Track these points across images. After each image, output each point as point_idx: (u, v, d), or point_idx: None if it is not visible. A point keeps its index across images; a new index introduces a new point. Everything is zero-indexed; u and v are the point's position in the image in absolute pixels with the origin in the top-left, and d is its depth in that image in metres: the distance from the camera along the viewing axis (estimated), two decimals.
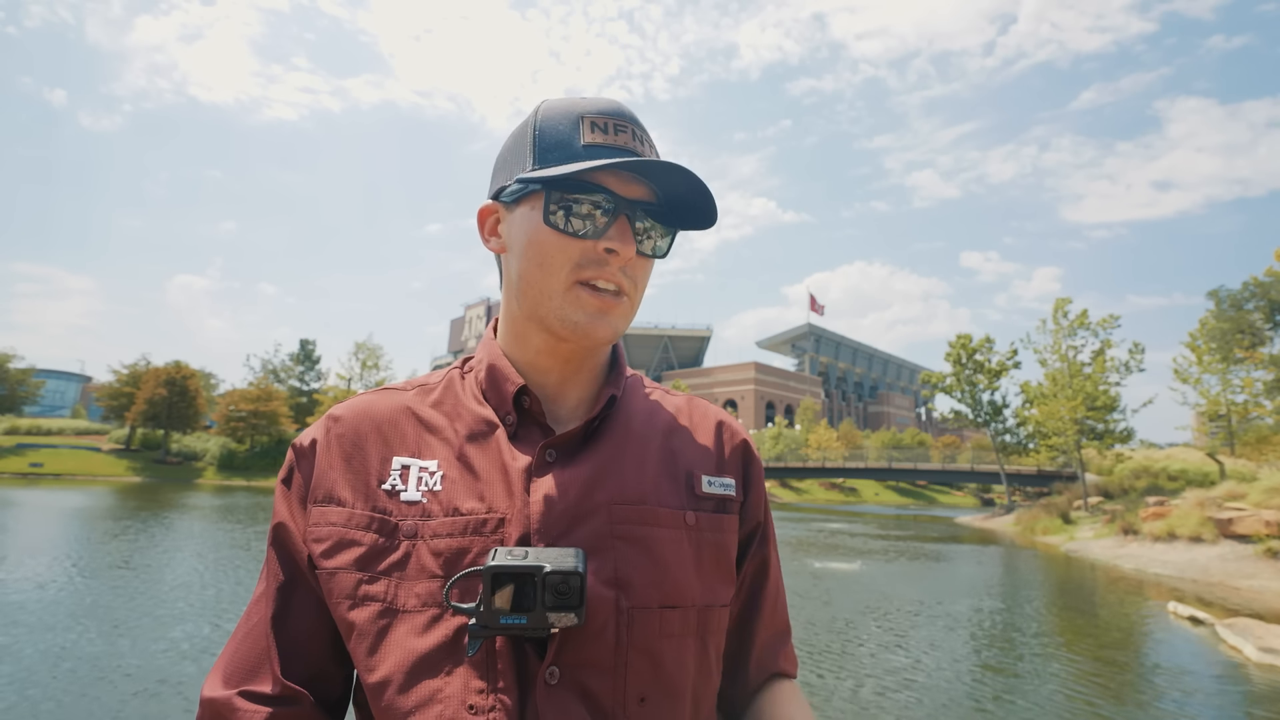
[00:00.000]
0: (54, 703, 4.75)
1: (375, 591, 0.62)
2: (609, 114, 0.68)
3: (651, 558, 0.65)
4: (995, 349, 33.68)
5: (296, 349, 49.63)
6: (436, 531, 0.63)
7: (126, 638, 6.39)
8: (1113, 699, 5.84)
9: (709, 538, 0.70)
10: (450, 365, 0.80)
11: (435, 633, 0.60)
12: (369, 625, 0.62)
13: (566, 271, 0.67)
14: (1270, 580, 12.33)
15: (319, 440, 0.70)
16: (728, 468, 0.76)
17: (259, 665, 0.65)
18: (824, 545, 17.90)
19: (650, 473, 0.70)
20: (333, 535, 0.65)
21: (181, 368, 42.67)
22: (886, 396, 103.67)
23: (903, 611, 9.33)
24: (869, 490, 59.73)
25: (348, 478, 0.67)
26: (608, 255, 0.66)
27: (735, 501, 0.75)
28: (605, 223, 0.66)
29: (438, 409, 0.72)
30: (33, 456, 37.73)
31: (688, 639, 0.66)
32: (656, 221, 0.70)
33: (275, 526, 0.69)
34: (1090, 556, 17.30)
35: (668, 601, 0.65)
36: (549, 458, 0.67)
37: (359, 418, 0.71)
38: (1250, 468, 21.10)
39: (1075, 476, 28.38)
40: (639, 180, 0.68)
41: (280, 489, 0.71)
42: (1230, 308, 27.16)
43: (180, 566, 10.38)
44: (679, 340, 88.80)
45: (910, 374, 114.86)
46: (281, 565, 0.68)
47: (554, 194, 0.66)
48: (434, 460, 0.68)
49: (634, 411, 0.75)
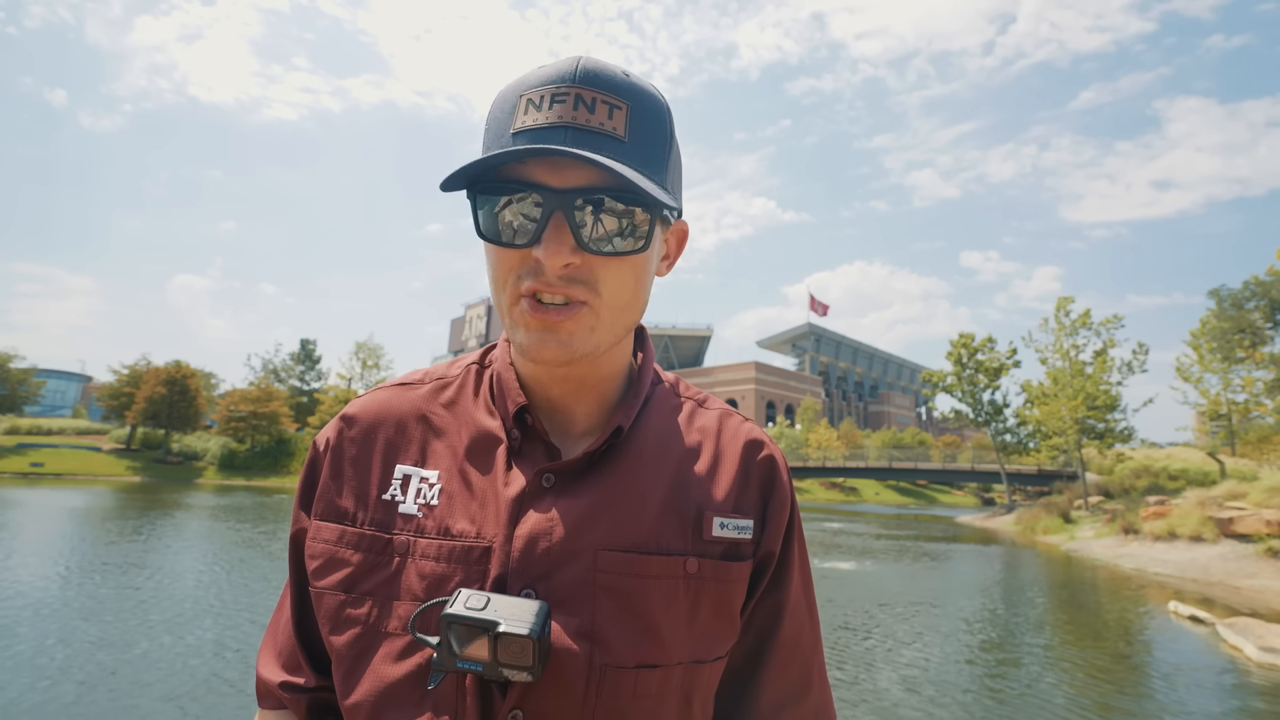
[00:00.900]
0: (65, 701, 4.75)
1: (358, 614, 0.62)
2: (550, 82, 0.57)
3: (634, 613, 0.60)
4: (996, 348, 33.66)
5: (297, 349, 49.70)
6: (425, 552, 0.62)
7: (149, 639, 6.39)
8: (1114, 698, 5.84)
9: (712, 588, 0.64)
10: (473, 356, 0.76)
11: (409, 661, 0.59)
12: (347, 649, 0.62)
13: (510, 285, 0.59)
14: (1271, 580, 12.32)
15: (330, 444, 0.69)
16: (747, 505, 0.68)
17: (296, 658, 0.69)
18: (824, 545, 17.89)
19: (651, 513, 0.64)
20: (324, 554, 0.65)
21: (181, 367, 42.68)
22: (887, 396, 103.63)
23: (903, 611, 9.32)
24: (869, 490, 59.71)
25: (352, 485, 0.67)
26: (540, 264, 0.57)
27: (748, 544, 0.67)
28: (537, 226, 0.56)
29: (449, 410, 0.70)
30: (33, 456, 37.75)
31: (667, 698, 0.61)
32: (617, 208, 0.57)
33: (294, 534, 0.70)
34: (1091, 556, 17.29)
35: (646, 661, 0.60)
36: (546, 483, 0.64)
37: (371, 420, 0.70)
38: (1251, 467, 21.11)
39: (1076, 476, 28.35)
40: (579, 164, 0.56)
41: (299, 494, 0.71)
42: (1231, 307, 27.16)
43: (188, 566, 10.38)
44: (679, 340, 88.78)
45: (911, 374, 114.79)
46: (297, 572, 0.70)
47: (480, 199, 0.58)
48: (435, 470, 0.66)
49: (650, 436, 0.68)
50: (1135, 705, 5.74)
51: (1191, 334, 28.31)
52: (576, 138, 0.56)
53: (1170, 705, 5.71)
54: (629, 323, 0.64)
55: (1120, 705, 5.67)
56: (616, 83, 0.58)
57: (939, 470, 41.51)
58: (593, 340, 0.61)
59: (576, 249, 0.57)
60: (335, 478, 0.67)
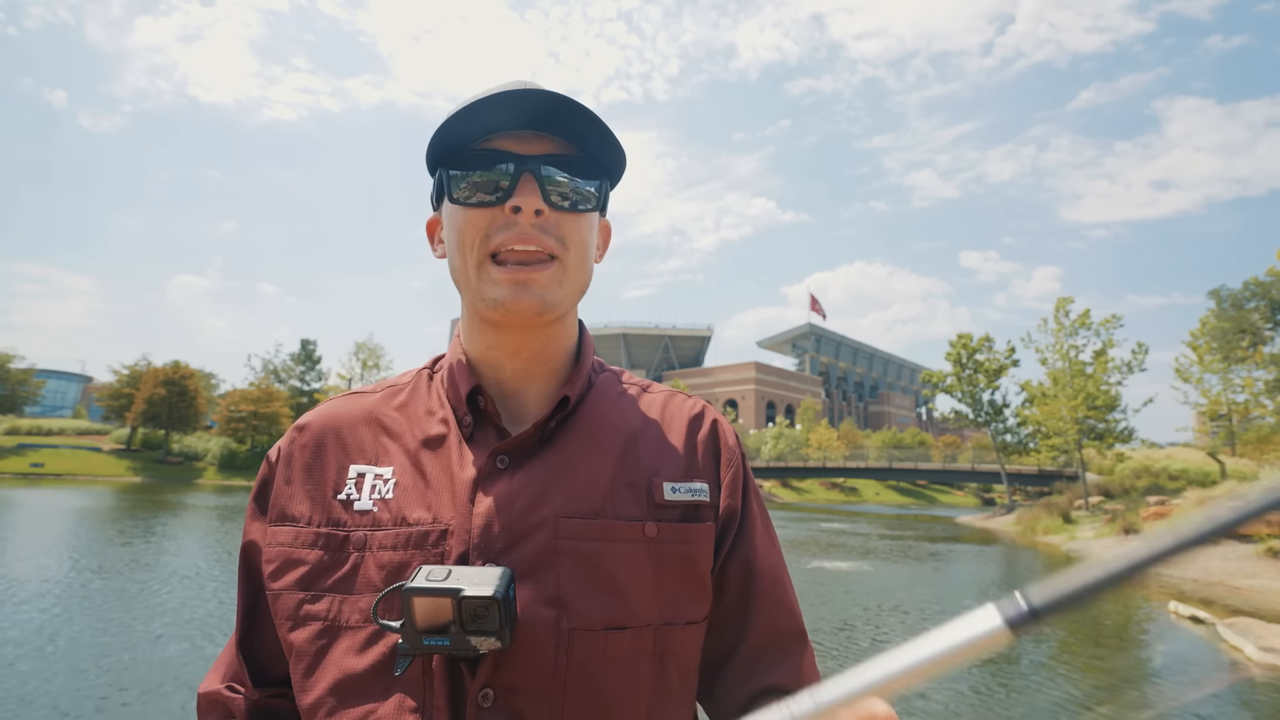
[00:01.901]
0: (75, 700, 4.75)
1: (317, 610, 0.62)
2: (504, 85, 0.66)
3: (599, 576, 0.62)
4: (994, 348, 33.65)
5: (297, 349, 49.61)
6: (383, 543, 0.63)
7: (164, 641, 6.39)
8: (1114, 698, 5.84)
9: (672, 549, 0.65)
10: (423, 365, 0.79)
11: (373, 651, 0.59)
12: (307, 646, 0.62)
13: (478, 245, 0.65)
14: (1271, 580, 12.32)
15: (282, 453, 0.71)
16: (699, 470, 0.71)
17: (239, 673, 0.71)
18: (825, 545, 17.89)
19: (606, 481, 0.66)
20: (280, 556, 0.66)
21: (180, 367, 42.65)
22: (887, 396, 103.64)
23: (903, 611, 9.32)
24: (869, 490, 59.70)
25: (306, 489, 0.68)
26: (515, 215, 0.64)
27: (708, 507, 0.69)
28: (509, 185, 0.64)
29: (401, 411, 0.72)
30: (34, 457, 37.75)
31: (640, 660, 0.62)
32: (576, 175, 0.67)
33: (244, 546, 0.71)
34: (1091, 556, 17.28)
35: (615, 622, 0.61)
36: (500, 464, 0.65)
37: (323, 426, 0.72)
38: (1251, 467, 21.12)
39: (1076, 476, 28.35)
40: (543, 137, 0.66)
41: (251, 505, 0.72)
42: (1231, 307, 27.17)
43: (188, 566, 10.38)
44: (679, 340, 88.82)
45: (910, 374, 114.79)
46: (247, 587, 0.71)
47: (454, 171, 0.66)
48: (389, 467, 0.67)
49: (599, 412, 0.72)
50: (1136, 705, 5.73)
51: (1191, 334, 28.33)
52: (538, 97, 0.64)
53: (1171, 704, 5.71)
54: (582, 283, 0.70)
55: (1121, 705, 5.67)
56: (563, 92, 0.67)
57: (939, 470, 41.52)
58: (560, 293, 0.67)
59: (544, 202, 0.64)
60: (288, 483, 0.69)
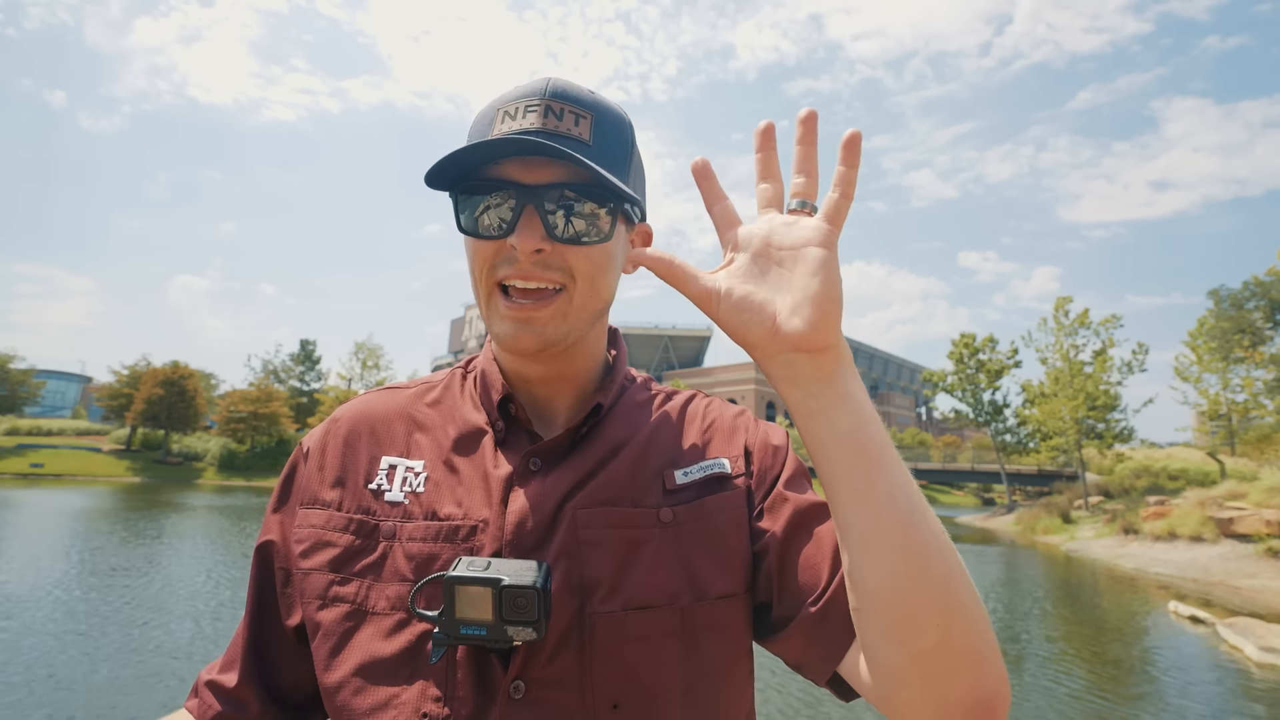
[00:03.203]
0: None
1: (346, 593, 0.63)
2: (524, 97, 0.64)
3: (615, 560, 0.63)
4: (998, 349, 33.65)
5: (297, 349, 49.64)
6: (412, 535, 0.64)
7: None
8: (1114, 698, 5.84)
9: (693, 528, 0.66)
10: (455, 364, 0.81)
11: (400, 638, 0.61)
12: (335, 626, 0.63)
13: (485, 276, 0.65)
14: (1271, 580, 12.32)
15: (317, 442, 0.73)
16: (716, 449, 0.73)
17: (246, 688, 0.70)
18: None
19: (624, 475, 0.68)
20: (311, 537, 0.67)
21: (179, 368, 42.62)
22: (887, 396, 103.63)
23: None
24: None
25: (339, 476, 0.70)
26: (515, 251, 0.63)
27: (728, 478, 0.70)
28: (510, 220, 0.63)
29: (434, 409, 0.74)
30: (33, 457, 37.72)
31: (666, 639, 0.62)
32: (583, 203, 0.64)
33: (261, 545, 0.71)
34: (1091, 556, 17.29)
35: (633, 603, 0.62)
36: (533, 466, 0.67)
37: (357, 418, 0.74)
38: (1251, 467, 21.08)
39: (1076, 476, 28.36)
40: (550, 163, 0.63)
41: (276, 494, 0.73)
42: (1231, 307, 27.15)
43: (188, 566, 10.37)
44: (679, 340, 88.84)
45: (910, 374, 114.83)
46: (259, 588, 0.71)
47: (461, 198, 0.65)
48: (420, 460, 0.69)
49: (627, 419, 0.74)
50: (1136, 705, 5.74)
51: (1189, 334, 28.32)
52: (547, 139, 0.62)
53: (1171, 704, 5.71)
54: (596, 309, 0.69)
55: (1121, 705, 5.67)
56: (582, 97, 0.66)
57: (939, 470, 41.51)
58: (565, 327, 0.66)
59: (546, 237, 0.63)
60: (321, 470, 0.71)
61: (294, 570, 0.67)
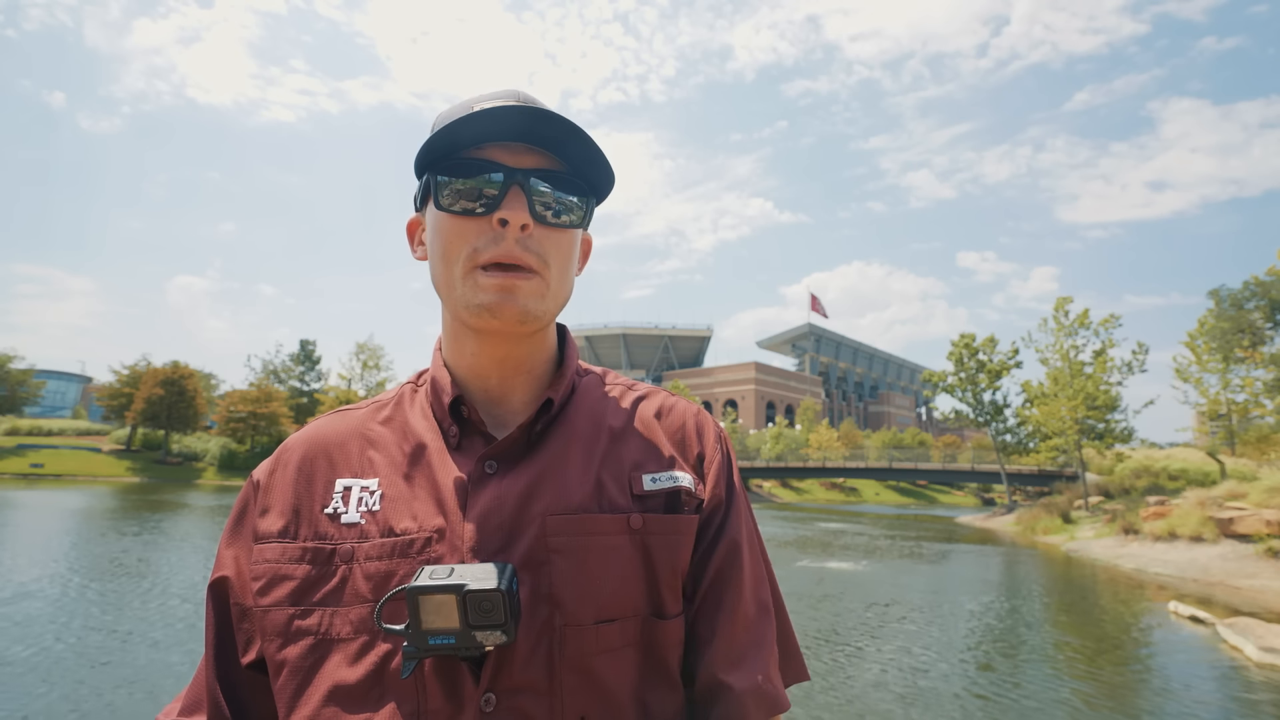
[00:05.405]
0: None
1: (309, 625, 0.61)
2: (499, 94, 0.67)
3: (586, 570, 0.62)
4: (999, 349, 33.63)
5: (297, 349, 49.57)
6: (369, 554, 0.63)
7: None
8: (1114, 698, 5.84)
9: (659, 540, 0.66)
10: (407, 379, 0.80)
11: (365, 661, 0.59)
12: (300, 661, 0.61)
13: (465, 255, 0.65)
14: (1271, 580, 12.31)
15: (266, 473, 0.71)
16: (680, 460, 0.72)
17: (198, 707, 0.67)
18: (825, 545, 17.89)
19: (591, 477, 0.67)
20: (267, 572, 0.65)
21: (179, 368, 42.59)
22: (887, 396, 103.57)
23: (903, 611, 9.32)
24: (869, 490, 59.66)
25: (292, 505, 0.67)
26: (502, 228, 0.64)
27: (691, 496, 0.69)
28: (497, 195, 0.64)
29: (386, 426, 0.72)
30: (33, 457, 37.71)
31: (627, 650, 0.63)
32: (562, 191, 0.67)
33: (214, 582, 0.69)
34: (1091, 556, 17.27)
35: (604, 615, 0.62)
36: (488, 469, 0.66)
37: (308, 444, 0.72)
38: (1251, 467, 21.09)
39: (1076, 476, 28.34)
40: (533, 150, 0.66)
41: (229, 530, 0.70)
42: (1230, 307, 27.12)
43: (189, 567, 10.38)
44: (679, 340, 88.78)
45: (910, 374, 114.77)
46: (217, 627, 0.68)
47: (443, 178, 0.65)
48: (375, 479, 0.67)
49: (583, 413, 0.72)
50: (1136, 705, 5.73)
51: (1189, 334, 28.30)
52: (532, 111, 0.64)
53: (1171, 705, 5.71)
54: (564, 297, 0.71)
55: (1121, 705, 5.67)
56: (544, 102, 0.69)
57: (939, 470, 41.51)
58: (542, 306, 0.66)
59: (531, 216, 0.64)
60: (274, 501, 0.68)
61: (252, 608, 0.65)
